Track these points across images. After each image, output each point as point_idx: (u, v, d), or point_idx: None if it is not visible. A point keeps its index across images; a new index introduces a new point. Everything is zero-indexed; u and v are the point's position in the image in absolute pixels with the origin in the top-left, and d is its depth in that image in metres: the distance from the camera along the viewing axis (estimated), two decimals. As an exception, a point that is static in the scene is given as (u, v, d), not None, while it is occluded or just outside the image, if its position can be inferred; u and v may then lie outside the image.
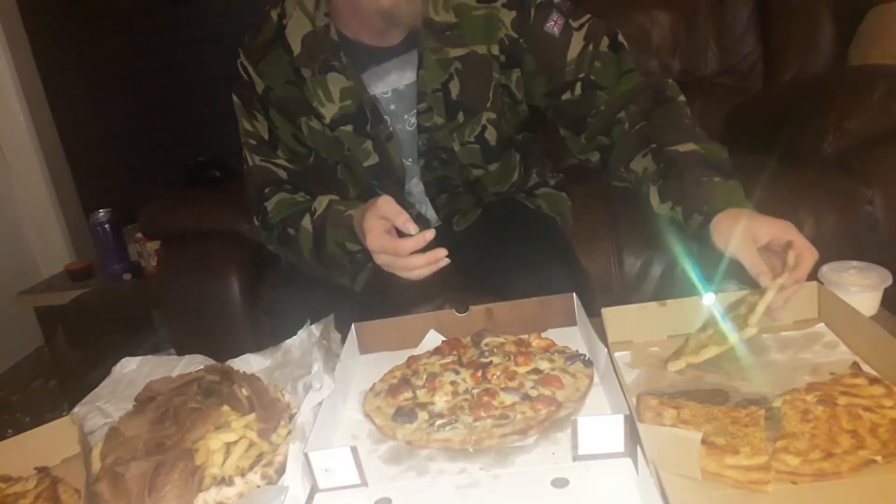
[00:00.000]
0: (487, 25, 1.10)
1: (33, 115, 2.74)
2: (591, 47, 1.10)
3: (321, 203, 1.08)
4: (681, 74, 2.17)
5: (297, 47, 1.10)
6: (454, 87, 1.11)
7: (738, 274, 0.90)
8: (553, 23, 1.11)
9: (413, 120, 1.14)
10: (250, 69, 1.14)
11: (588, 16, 1.13)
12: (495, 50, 1.11)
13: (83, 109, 2.83)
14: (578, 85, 1.12)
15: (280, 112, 1.14)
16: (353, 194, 1.22)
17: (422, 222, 1.24)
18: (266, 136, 1.17)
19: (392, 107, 1.14)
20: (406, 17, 1.01)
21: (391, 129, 1.14)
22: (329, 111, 1.11)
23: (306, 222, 1.10)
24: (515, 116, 1.20)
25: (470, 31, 1.10)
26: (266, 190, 1.17)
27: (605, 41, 1.11)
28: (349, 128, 1.13)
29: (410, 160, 1.17)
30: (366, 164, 1.15)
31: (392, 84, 1.12)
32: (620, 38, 1.13)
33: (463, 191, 1.21)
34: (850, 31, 1.95)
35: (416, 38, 1.09)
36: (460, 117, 1.13)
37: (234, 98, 1.18)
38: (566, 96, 1.13)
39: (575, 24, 1.11)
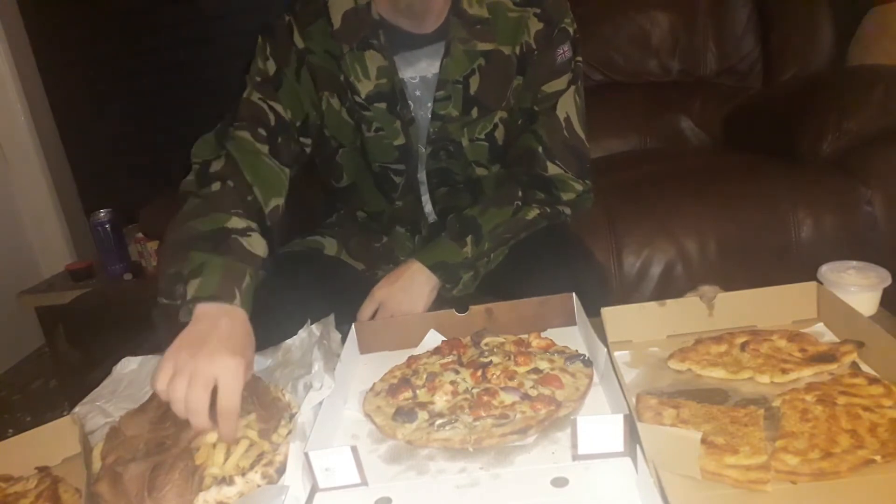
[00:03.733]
0: (516, 27, 1.13)
1: (34, 114, 2.74)
2: (561, 98, 1.16)
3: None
4: (680, 74, 2.18)
5: (337, 22, 1.11)
6: (474, 83, 1.13)
7: (719, 280, 0.91)
8: (563, 51, 1.15)
9: (433, 107, 1.15)
10: (296, 28, 1.13)
11: (579, 58, 1.17)
12: (517, 51, 1.13)
13: (84, 109, 2.83)
14: (529, 112, 1.17)
15: (311, 75, 1.15)
16: (346, 182, 1.23)
17: (422, 216, 1.24)
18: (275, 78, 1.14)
19: (417, 93, 1.15)
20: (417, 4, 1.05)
21: (413, 114, 1.15)
22: (365, 87, 1.13)
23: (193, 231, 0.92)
24: (515, 122, 1.21)
25: (501, 30, 1.13)
26: (244, 123, 1.09)
27: (567, 109, 1.16)
28: (383, 105, 1.14)
29: (424, 142, 1.18)
30: (395, 143, 1.17)
31: (421, 71, 1.14)
32: (576, 116, 1.17)
33: (463, 189, 1.22)
34: (850, 31, 1.96)
35: (448, 28, 1.11)
36: (474, 113, 1.15)
37: (260, 40, 1.15)
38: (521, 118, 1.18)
39: (572, 64, 1.16)
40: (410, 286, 1.09)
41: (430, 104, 1.15)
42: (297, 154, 1.16)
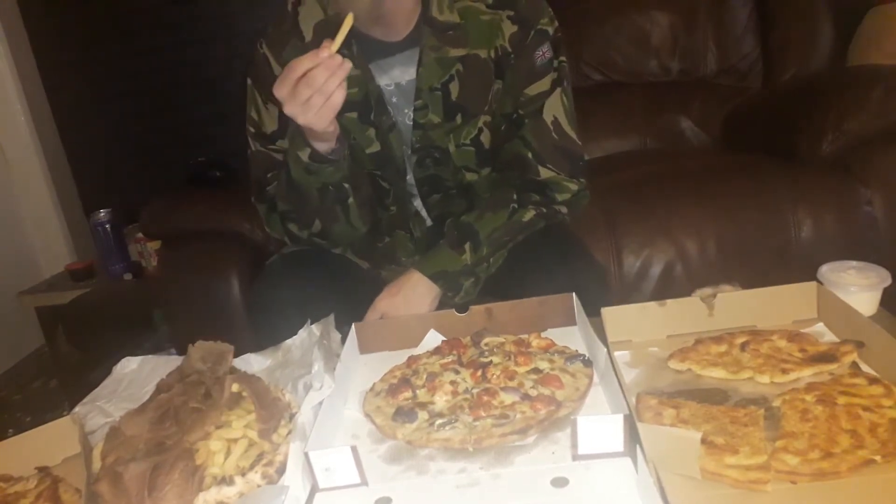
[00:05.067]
0: (490, 31, 1.12)
1: (34, 115, 2.75)
2: (548, 100, 1.15)
3: None
4: (680, 74, 2.18)
5: (308, 34, 1.12)
6: (454, 89, 1.12)
7: (738, 274, 0.91)
8: (542, 53, 1.13)
9: (412, 115, 1.15)
10: (272, 58, 1.15)
11: (563, 58, 1.17)
12: (492, 55, 1.13)
13: (84, 109, 2.83)
14: (514, 117, 1.17)
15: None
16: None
17: (418, 220, 1.24)
18: (269, 128, 1.18)
19: (394, 100, 1.15)
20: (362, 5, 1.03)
21: (394, 119, 1.15)
22: None
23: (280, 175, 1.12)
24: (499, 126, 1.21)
25: (474, 35, 1.12)
26: (269, 175, 1.20)
27: (554, 112, 1.16)
28: (354, 115, 1.14)
29: (408, 150, 1.18)
30: (368, 151, 1.17)
31: (395, 78, 1.14)
32: (563, 116, 1.17)
33: (456, 194, 1.22)
34: (849, 31, 1.96)
35: (420, 35, 1.10)
36: (458, 119, 1.15)
37: (249, 83, 1.19)
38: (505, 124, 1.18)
39: (555, 63, 1.15)
40: (412, 297, 1.10)
41: (407, 110, 1.15)
42: None
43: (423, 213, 1.24)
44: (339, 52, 1.08)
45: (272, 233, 1.26)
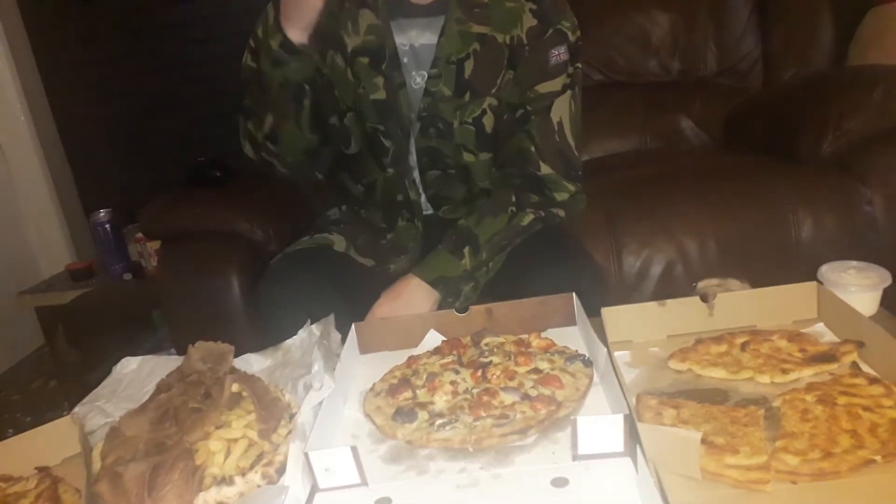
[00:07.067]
0: (511, 18, 1.14)
1: (34, 114, 2.74)
2: (556, 100, 1.16)
3: None
4: (680, 74, 2.18)
5: None
6: (468, 66, 1.15)
7: (735, 272, 0.91)
8: (557, 53, 1.15)
9: (419, 80, 1.17)
10: None
11: (578, 65, 1.17)
12: (507, 41, 1.15)
13: (84, 109, 2.83)
14: (521, 112, 1.17)
15: (315, 36, 1.15)
16: (355, 148, 1.24)
17: (414, 208, 1.24)
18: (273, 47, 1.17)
19: (405, 60, 1.17)
20: None
21: (403, 78, 1.17)
22: (352, 42, 1.15)
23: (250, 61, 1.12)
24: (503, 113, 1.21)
25: (496, 17, 1.14)
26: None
27: (561, 113, 1.17)
28: (366, 59, 1.16)
29: (415, 115, 1.19)
30: (373, 97, 1.17)
31: (411, 39, 1.16)
32: (567, 122, 1.18)
33: (454, 175, 1.22)
34: (850, 31, 1.96)
35: (447, 5, 1.13)
36: (467, 96, 1.16)
37: (269, 8, 1.14)
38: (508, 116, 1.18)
39: (570, 69, 1.16)
40: (411, 302, 1.10)
41: (415, 73, 1.17)
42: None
43: (420, 187, 1.24)
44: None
45: (243, 146, 1.23)
